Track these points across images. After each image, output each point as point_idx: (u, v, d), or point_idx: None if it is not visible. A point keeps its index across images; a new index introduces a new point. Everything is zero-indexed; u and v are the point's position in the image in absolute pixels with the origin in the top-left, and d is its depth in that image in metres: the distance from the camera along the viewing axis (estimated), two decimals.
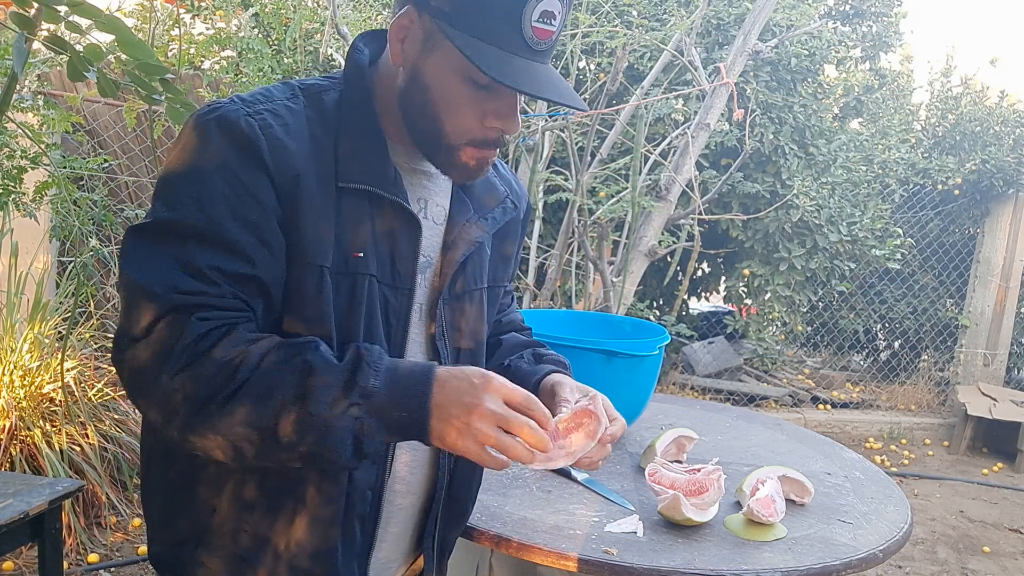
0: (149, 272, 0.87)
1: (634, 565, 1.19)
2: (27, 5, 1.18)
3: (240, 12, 4.62)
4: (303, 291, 0.92)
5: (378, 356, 0.89)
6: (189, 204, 0.88)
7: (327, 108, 0.97)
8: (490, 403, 0.86)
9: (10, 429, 2.81)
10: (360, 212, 0.95)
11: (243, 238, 0.88)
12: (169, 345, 0.85)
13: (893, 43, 6.41)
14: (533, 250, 3.81)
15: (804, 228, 5.04)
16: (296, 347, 0.88)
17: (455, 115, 0.94)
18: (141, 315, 0.86)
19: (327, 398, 0.85)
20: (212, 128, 0.90)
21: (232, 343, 0.86)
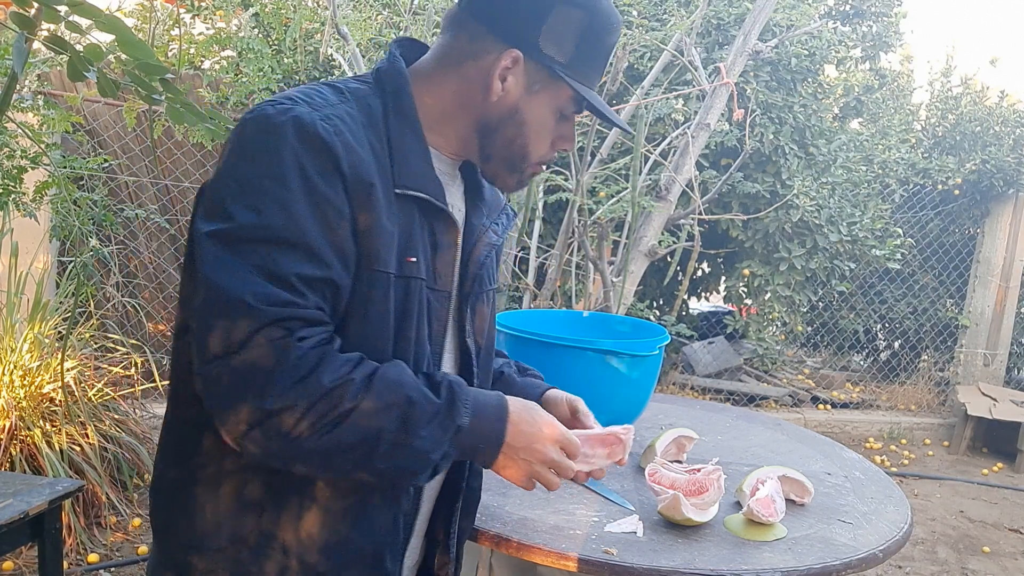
0: (238, 281, 0.86)
1: (634, 565, 1.19)
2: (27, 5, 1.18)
3: (240, 12, 4.62)
4: (371, 297, 0.95)
5: (466, 392, 0.97)
6: (273, 208, 0.88)
7: (376, 115, 1.00)
8: (552, 453, 1.01)
9: (10, 429, 2.81)
10: (411, 218, 0.99)
11: (323, 243, 0.89)
12: (271, 366, 0.85)
13: (893, 43, 6.41)
14: (533, 250, 3.81)
15: (804, 228, 5.04)
16: (395, 381, 0.92)
17: (540, 144, 1.07)
18: (234, 327, 0.85)
19: (427, 434, 0.92)
20: (288, 131, 0.90)
21: (334, 367, 0.88)
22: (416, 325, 1.00)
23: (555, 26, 1.00)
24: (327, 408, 0.86)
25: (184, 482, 1.00)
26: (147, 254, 4.46)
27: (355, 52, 3.43)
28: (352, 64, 3.57)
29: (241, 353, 0.85)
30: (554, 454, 1.01)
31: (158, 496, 1.04)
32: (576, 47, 1.02)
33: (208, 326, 0.86)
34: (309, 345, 0.87)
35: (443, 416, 0.93)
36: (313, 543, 0.98)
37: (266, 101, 0.94)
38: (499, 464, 1.00)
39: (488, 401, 0.99)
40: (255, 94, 3.87)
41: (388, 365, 0.94)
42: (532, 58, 1.01)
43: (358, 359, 0.91)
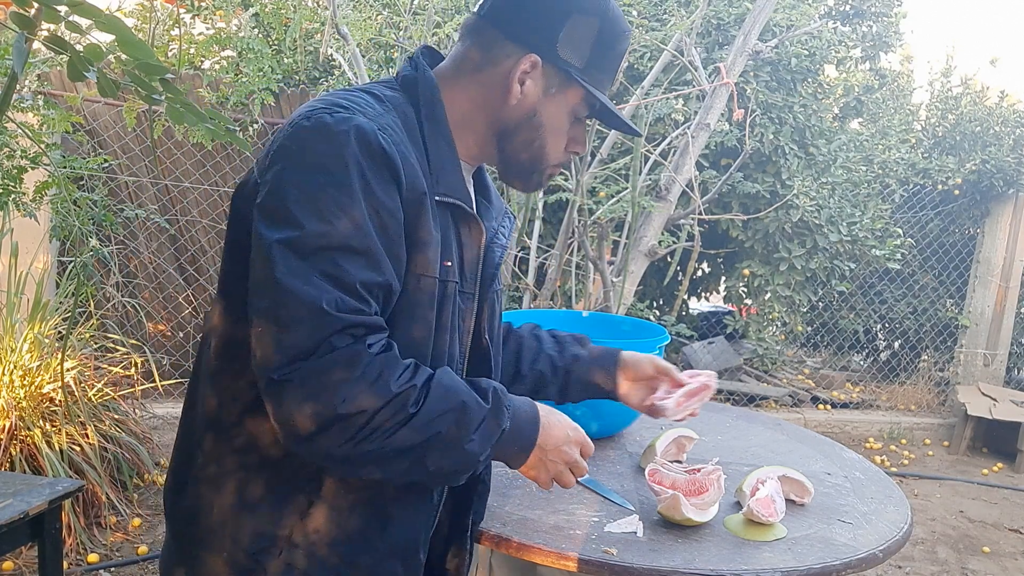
0: (311, 287, 0.88)
1: (634, 565, 1.19)
2: (27, 5, 1.18)
3: (240, 12, 4.62)
4: (420, 300, 0.99)
5: (508, 397, 1.03)
6: (339, 215, 0.90)
7: (412, 124, 1.04)
8: (575, 454, 1.10)
9: (10, 429, 2.81)
10: (447, 223, 1.04)
11: (382, 250, 0.93)
12: (344, 371, 0.88)
13: (893, 43, 6.41)
14: (533, 250, 3.81)
15: (804, 228, 5.04)
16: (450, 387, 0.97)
17: (557, 145, 1.12)
18: (308, 333, 0.88)
19: (477, 437, 0.98)
20: (351, 140, 0.92)
21: (398, 372, 0.92)
22: (451, 326, 1.05)
23: (572, 32, 1.05)
24: (393, 412, 0.90)
25: (191, 481, 1.02)
26: (147, 254, 4.46)
27: (355, 52, 3.43)
28: (352, 64, 3.57)
29: (313, 358, 0.88)
30: (576, 455, 1.09)
31: (170, 493, 1.07)
32: (591, 53, 1.07)
33: (280, 330, 0.88)
34: (376, 351, 0.91)
35: (490, 420, 0.99)
36: (321, 539, 1.00)
37: (320, 108, 0.95)
38: (528, 465, 1.07)
39: (523, 406, 1.06)
40: (255, 94, 3.87)
41: (441, 371, 0.98)
42: (550, 62, 1.06)
43: (415, 365, 0.96)
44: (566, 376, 1.40)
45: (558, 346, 1.41)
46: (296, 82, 4.94)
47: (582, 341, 1.44)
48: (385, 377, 0.90)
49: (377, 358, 0.91)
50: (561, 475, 1.09)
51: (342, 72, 4.14)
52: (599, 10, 1.06)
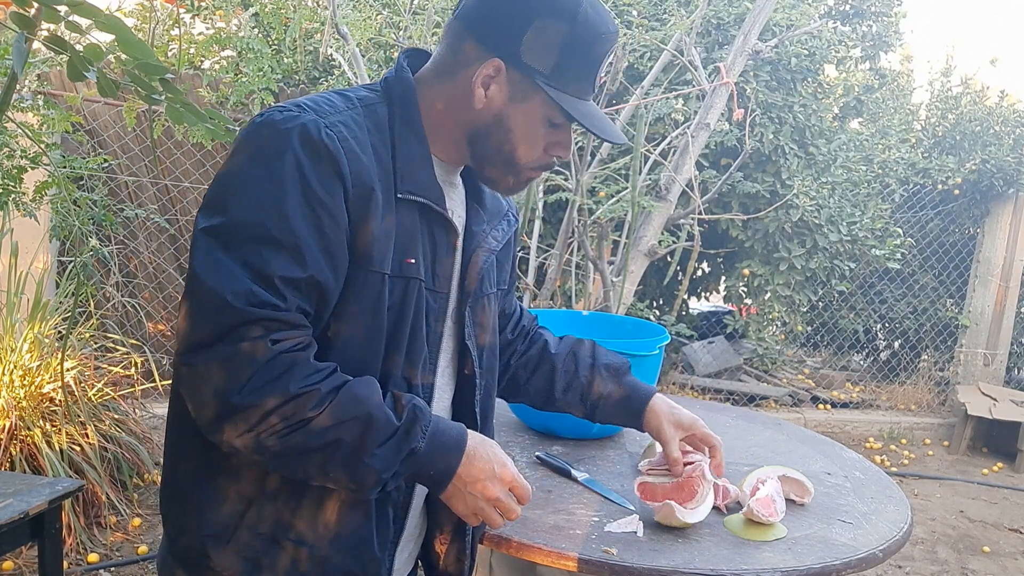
0: (223, 277, 0.89)
1: (634, 565, 1.19)
2: (27, 5, 1.18)
3: (240, 12, 4.62)
4: (365, 296, 0.98)
5: (428, 417, 1.00)
6: (268, 208, 0.91)
7: (382, 122, 1.04)
8: (501, 493, 1.04)
9: (10, 429, 2.81)
10: (412, 221, 1.03)
11: (313, 246, 0.93)
12: (242, 364, 0.89)
13: (893, 43, 6.41)
14: (533, 250, 3.81)
15: (804, 228, 5.04)
16: (360, 397, 0.95)
17: (530, 151, 1.08)
18: (213, 322, 0.89)
19: (381, 453, 0.95)
20: (293, 137, 0.93)
21: (303, 374, 0.92)
22: (413, 323, 1.04)
23: (536, 36, 1.02)
24: (290, 412, 0.90)
25: (202, 474, 1.02)
26: (147, 254, 4.46)
27: (355, 52, 3.43)
28: (352, 64, 3.57)
29: (216, 348, 0.89)
30: (501, 494, 1.04)
31: (171, 488, 1.06)
32: (559, 58, 1.03)
33: (189, 317, 0.91)
34: (282, 348, 0.91)
35: (399, 438, 0.97)
36: (328, 533, 1.02)
37: (276, 107, 0.98)
38: (447, 494, 1.03)
39: (448, 431, 1.02)
40: (255, 94, 3.87)
41: (359, 380, 0.97)
42: (514, 67, 1.04)
43: (330, 370, 0.95)
44: (592, 410, 1.42)
45: (590, 375, 1.41)
46: (296, 82, 4.94)
47: (618, 372, 1.43)
48: (287, 376, 0.90)
49: (282, 356, 0.90)
50: (484, 512, 1.04)
51: (342, 72, 4.14)
52: (568, 14, 1.02)
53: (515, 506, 1.06)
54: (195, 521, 1.02)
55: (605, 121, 1.10)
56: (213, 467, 1.02)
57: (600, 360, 1.43)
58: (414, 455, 0.98)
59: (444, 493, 1.03)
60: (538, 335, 1.48)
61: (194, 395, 0.92)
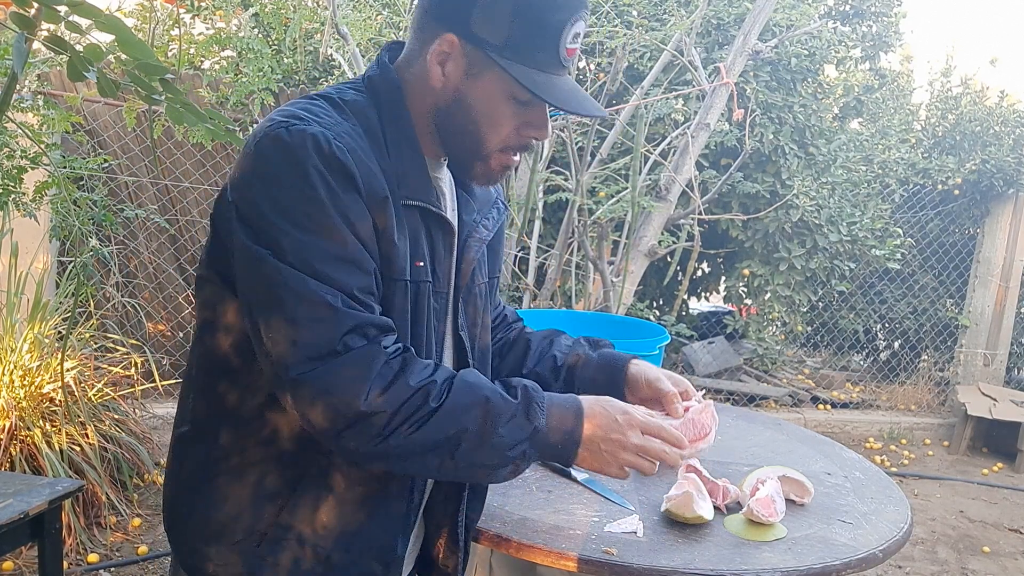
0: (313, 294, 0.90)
1: (634, 565, 1.19)
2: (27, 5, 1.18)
3: (240, 12, 4.62)
4: (391, 304, 0.99)
5: (541, 394, 1.01)
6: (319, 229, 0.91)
7: (374, 127, 1.01)
8: (634, 438, 1.03)
9: (10, 429, 2.81)
10: (416, 225, 1.02)
11: (365, 256, 0.94)
12: (361, 370, 0.91)
13: (893, 43, 6.41)
14: (533, 250, 3.81)
15: (804, 228, 5.04)
16: (473, 383, 0.98)
17: (496, 130, 1.03)
18: (324, 329, 0.90)
19: (505, 432, 0.97)
20: (309, 150, 0.92)
21: (417, 370, 0.95)
22: (426, 326, 1.05)
23: (486, 7, 0.97)
24: (414, 408, 0.92)
25: (204, 474, 1.02)
26: (147, 254, 4.45)
27: (355, 52, 3.43)
28: (352, 64, 3.57)
29: (329, 357, 0.90)
30: (635, 438, 1.03)
31: (173, 488, 1.07)
32: (511, 28, 0.97)
33: (295, 330, 0.91)
34: (392, 351, 0.94)
35: (520, 417, 0.98)
36: (329, 533, 1.02)
37: (275, 122, 0.95)
38: (582, 459, 1.03)
39: (562, 402, 1.03)
40: (255, 94, 3.87)
41: (465, 371, 1.00)
42: (468, 41, 0.99)
43: (435, 364, 0.98)
44: (569, 376, 1.32)
45: (568, 347, 1.35)
46: (296, 82, 4.94)
47: (598, 344, 1.37)
48: (404, 375, 0.93)
49: (395, 357, 0.94)
50: (629, 462, 1.04)
51: (342, 72, 4.14)
52: None
53: (655, 444, 1.05)
54: (200, 520, 1.02)
55: (575, 94, 1.03)
56: (213, 468, 1.02)
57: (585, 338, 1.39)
58: (538, 433, 0.99)
59: (579, 460, 1.03)
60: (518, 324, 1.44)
61: (305, 408, 0.92)
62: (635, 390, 1.26)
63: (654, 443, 1.04)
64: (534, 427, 0.98)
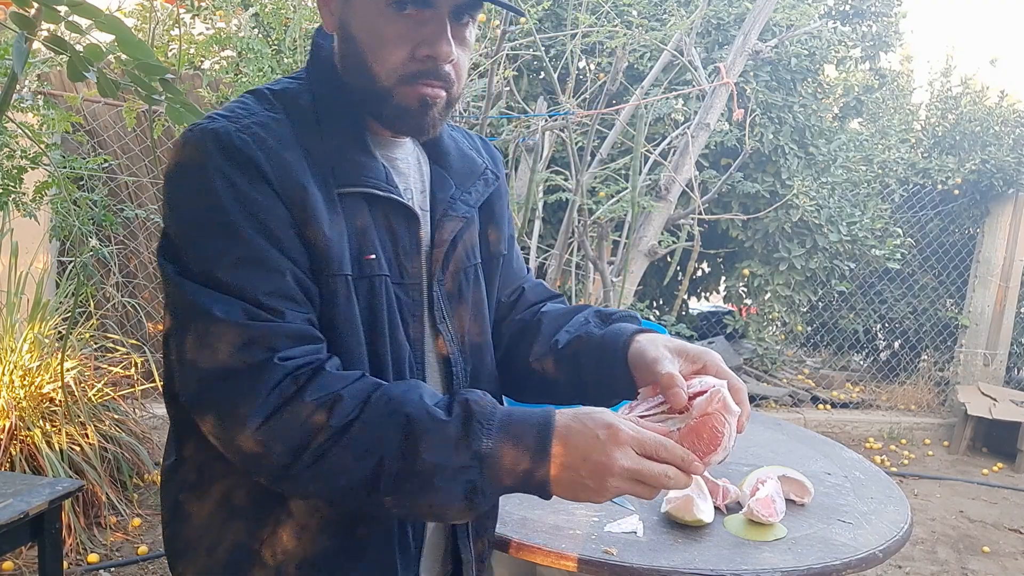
0: (218, 306, 0.83)
1: (634, 565, 1.19)
2: (27, 5, 1.18)
3: (240, 12, 4.62)
4: (334, 303, 0.90)
5: (490, 410, 0.83)
6: (217, 231, 0.85)
7: (306, 112, 0.94)
8: (623, 460, 0.80)
9: (10, 429, 2.81)
10: (362, 214, 0.93)
11: (276, 253, 0.85)
12: (254, 386, 0.81)
13: (893, 43, 6.41)
14: (533, 250, 3.81)
15: (804, 228, 5.04)
16: (396, 398, 0.83)
17: (383, 54, 0.91)
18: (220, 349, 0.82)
19: (435, 459, 0.80)
20: (209, 148, 0.86)
21: (325, 383, 0.82)
22: (389, 326, 0.94)
23: None
24: (310, 432, 0.81)
25: (173, 487, 0.98)
26: (147, 254, 4.45)
27: None
28: None
29: (222, 379, 0.82)
30: (625, 460, 0.80)
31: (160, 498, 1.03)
32: None
33: (190, 351, 0.84)
34: (299, 364, 0.83)
35: (455, 439, 0.81)
36: (290, 558, 0.93)
37: (191, 125, 0.90)
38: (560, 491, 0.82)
39: (523, 418, 0.83)
40: None
41: (398, 383, 0.87)
42: None
43: (355, 376, 0.86)
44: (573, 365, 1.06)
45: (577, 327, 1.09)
46: None
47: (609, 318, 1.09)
48: (302, 393, 0.81)
49: (299, 372, 0.82)
50: (623, 491, 0.81)
51: None
52: None
53: (659, 469, 0.81)
54: (173, 534, 0.99)
55: None
56: (180, 481, 0.98)
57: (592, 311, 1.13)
58: (485, 459, 0.80)
59: (555, 491, 0.82)
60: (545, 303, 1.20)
61: (210, 429, 0.84)
62: (639, 377, 0.99)
63: (651, 467, 0.81)
64: (474, 451, 0.80)
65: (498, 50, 3.12)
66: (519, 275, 1.21)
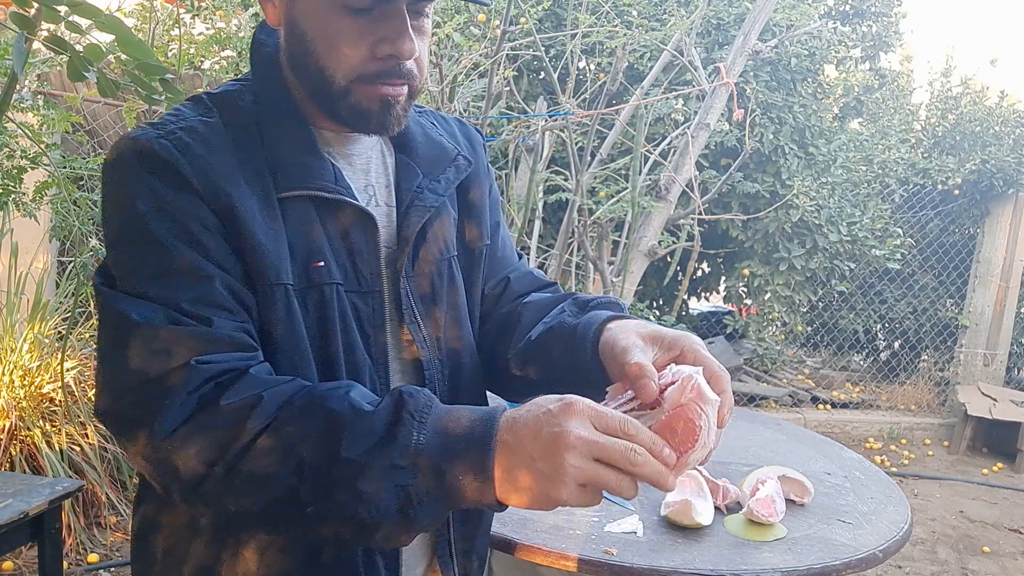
0: (130, 307, 0.78)
1: (634, 565, 1.19)
2: (27, 5, 1.18)
3: (240, 12, 4.62)
4: (272, 315, 0.83)
5: (424, 403, 0.75)
6: (141, 241, 0.81)
7: (246, 114, 0.89)
8: (580, 428, 0.68)
9: (10, 429, 2.81)
10: (309, 219, 0.87)
11: (203, 260, 0.80)
12: (166, 393, 0.75)
13: (893, 43, 6.42)
14: (533, 250, 3.81)
15: (804, 228, 5.05)
16: (318, 395, 0.76)
17: (339, 53, 0.84)
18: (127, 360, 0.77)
19: (357, 455, 0.71)
20: (129, 159, 0.82)
21: (244, 386, 0.76)
22: (344, 338, 0.88)
23: None
24: (224, 439, 0.74)
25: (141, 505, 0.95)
26: None
27: None
28: None
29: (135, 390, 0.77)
30: (581, 429, 0.68)
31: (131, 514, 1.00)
32: None
33: (108, 363, 0.80)
34: (217, 368, 0.77)
35: (382, 432, 0.72)
36: None
37: None
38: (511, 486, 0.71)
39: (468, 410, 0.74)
40: None
41: (326, 384, 0.81)
42: None
43: (282, 380, 0.79)
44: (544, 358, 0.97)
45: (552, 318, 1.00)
46: None
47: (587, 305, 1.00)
48: (218, 399, 0.75)
49: (221, 377, 0.76)
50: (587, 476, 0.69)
51: None
52: None
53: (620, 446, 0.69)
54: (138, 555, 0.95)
55: None
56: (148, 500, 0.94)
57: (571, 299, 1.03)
58: (420, 456, 0.71)
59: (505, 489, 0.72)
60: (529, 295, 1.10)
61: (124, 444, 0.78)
62: (610, 370, 0.86)
63: (614, 442, 0.69)
64: (404, 447, 0.71)
65: (498, 50, 3.12)
66: (505, 264, 1.12)
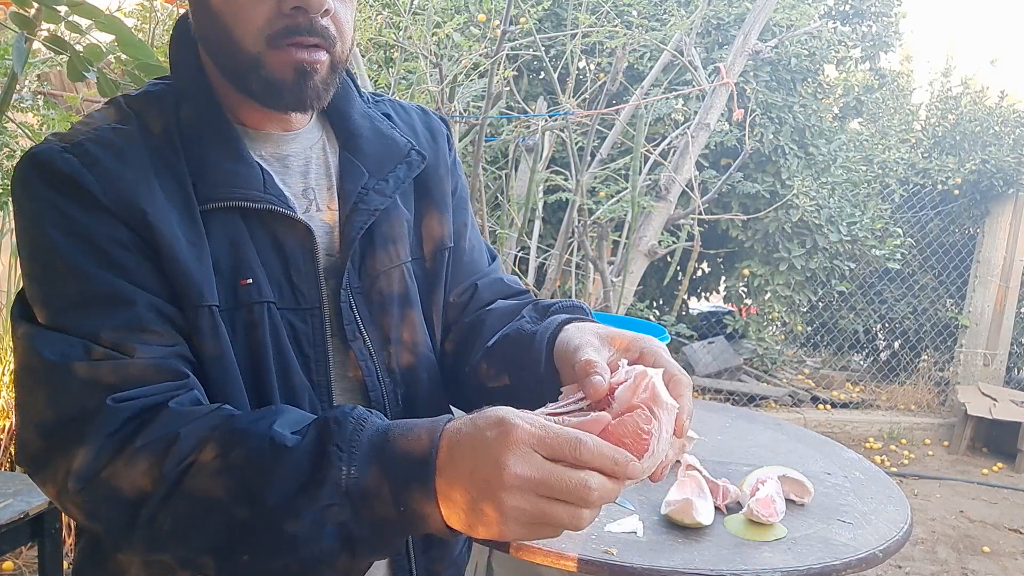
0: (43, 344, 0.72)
1: (634, 565, 1.19)
2: (27, 5, 1.18)
3: None
4: (199, 339, 0.77)
5: (353, 429, 0.67)
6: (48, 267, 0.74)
7: (165, 118, 0.82)
8: (518, 466, 0.60)
9: (10, 429, 2.81)
10: (236, 232, 0.80)
11: (122, 284, 0.74)
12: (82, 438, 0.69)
13: (893, 43, 6.42)
14: (533, 250, 3.81)
15: (804, 228, 5.05)
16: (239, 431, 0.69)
17: (244, 13, 0.77)
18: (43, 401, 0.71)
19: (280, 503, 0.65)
20: (31, 175, 0.75)
21: (157, 427, 0.69)
22: (277, 361, 0.81)
23: None
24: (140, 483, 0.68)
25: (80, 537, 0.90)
26: None
27: (355, 52, 3.43)
28: (352, 64, 3.57)
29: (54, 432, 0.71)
30: (520, 467, 0.60)
31: None
32: None
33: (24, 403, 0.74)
34: (137, 406, 0.71)
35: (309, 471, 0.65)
36: None
37: None
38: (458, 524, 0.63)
39: (404, 431, 0.66)
40: None
41: (250, 414, 0.73)
42: None
43: (203, 412, 0.72)
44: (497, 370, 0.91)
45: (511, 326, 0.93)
46: None
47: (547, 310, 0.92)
48: (135, 439, 0.69)
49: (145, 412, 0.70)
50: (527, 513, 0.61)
51: None
52: None
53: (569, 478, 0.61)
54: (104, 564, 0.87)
55: None
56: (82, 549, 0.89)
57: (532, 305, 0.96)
58: (351, 491, 0.64)
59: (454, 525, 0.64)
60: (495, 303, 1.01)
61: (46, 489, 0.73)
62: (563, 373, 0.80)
63: (562, 474, 0.60)
64: (335, 484, 0.64)
65: (498, 50, 3.12)
66: (474, 270, 1.03)
